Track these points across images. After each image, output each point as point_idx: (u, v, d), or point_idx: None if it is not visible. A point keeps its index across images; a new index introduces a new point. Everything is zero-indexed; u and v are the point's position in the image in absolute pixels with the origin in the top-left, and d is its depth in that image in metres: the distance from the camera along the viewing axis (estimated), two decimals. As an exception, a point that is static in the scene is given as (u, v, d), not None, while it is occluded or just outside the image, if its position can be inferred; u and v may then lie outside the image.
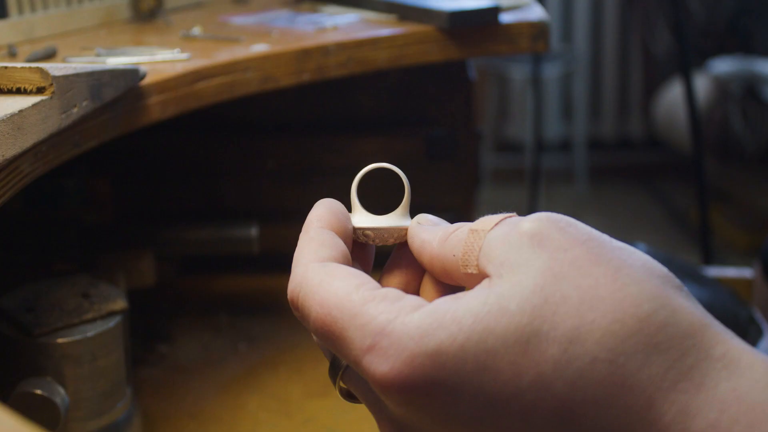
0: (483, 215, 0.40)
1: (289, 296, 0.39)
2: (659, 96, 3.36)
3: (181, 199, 1.01)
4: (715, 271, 1.18)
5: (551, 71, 3.40)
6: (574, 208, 3.31)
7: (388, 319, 0.35)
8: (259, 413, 0.83)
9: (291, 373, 0.89)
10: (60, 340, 0.64)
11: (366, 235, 0.43)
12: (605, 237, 0.36)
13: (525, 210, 2.28)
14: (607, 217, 3.25)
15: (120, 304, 0.68)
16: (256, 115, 1.01)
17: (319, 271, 0.38)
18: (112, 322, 0.67)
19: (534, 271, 0.35)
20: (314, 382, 0.87)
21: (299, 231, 0.44)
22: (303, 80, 0.77)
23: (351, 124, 1.03)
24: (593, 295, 0.34)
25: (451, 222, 0.42)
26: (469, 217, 1.01)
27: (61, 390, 0.64)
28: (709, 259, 1.68)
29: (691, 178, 1.79)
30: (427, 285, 0.42)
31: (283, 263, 1.11)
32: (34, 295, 0.69)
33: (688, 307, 0.35)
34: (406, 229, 0.43)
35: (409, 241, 0.42)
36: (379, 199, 0.54)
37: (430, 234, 0.41)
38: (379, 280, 0.43)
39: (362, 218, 0.43)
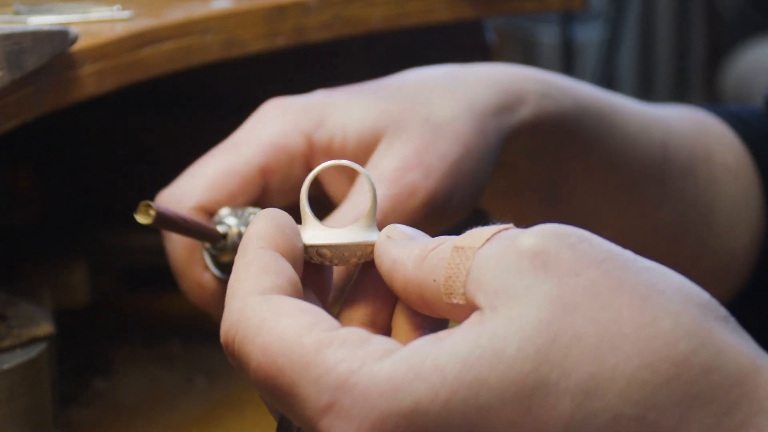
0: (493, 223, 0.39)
1: (222, 339, 0.39)
2: (728, 66, 3.36)
3: (123, 195, 1.01)
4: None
5: (590, 34, 3.41)
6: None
7: (350, 370, 0.35)
8: (221, 465, 0.83)
9: (259, 415, 0.89)
10: (-31, 374, 0.64)
11: (321, 255, 0.42)
12: (629, 254, 0.36)
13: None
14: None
15: (45, 328, 0.68)
16: (219, 90, 1.02)
17: (261, 306, 0.37)
18: (35, 351, 0.67)
19: (538, 301, 0.34)
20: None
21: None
22: (277, 45, 0.77)
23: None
24: (615, 331, 0.33)
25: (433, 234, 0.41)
26: (485, 220, 1.01)
27: (-29, 436, 0.64)
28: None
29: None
30: (400, 318, 0.41)
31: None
32: (-63, 316, 0.69)
33: (737, 345, 0.34)
34: (372, 245, 0.42)
35: (377, 260, 0.41)
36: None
37: (403, 251, 0.40)
38: (339, 314, 0.42)
39: (316, 233, 0.42)
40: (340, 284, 0.53)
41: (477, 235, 0.38)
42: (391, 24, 0.81)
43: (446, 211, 0.56)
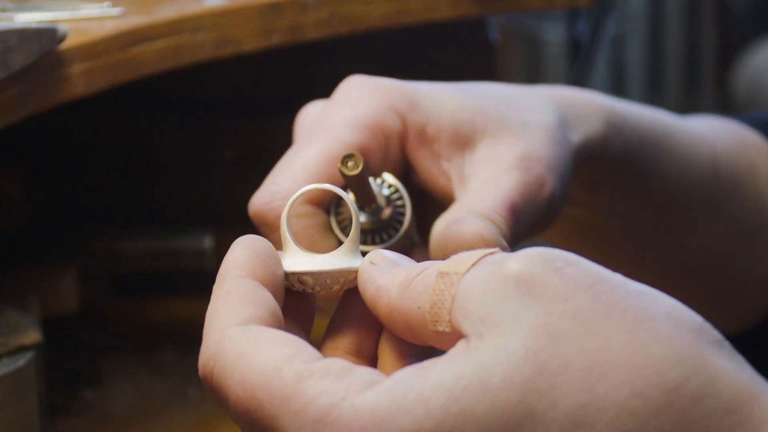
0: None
1: (200, 373, 0.39)
2: (740, 64, 3.36)
3: (113, 199, 1.01)
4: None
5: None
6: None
7: (331, 403, 0.35)
8: (215, 478, 0.83)
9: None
10: (-47, 383, 0.65)
11: (303, 282, 0.42)
12: (618, 278, 0.36)
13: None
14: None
15: (32, 336, 0.68)
16: (211, 90, 1.02)
17: (239, 338, 0.37)
18: (23, 360, 0.67)
19: (524, 329, 0.34)
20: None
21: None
22: (272, 43, 0.77)
23: (335, 100, 1.03)
24: (604, 360, 0.33)
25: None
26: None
27: (-45, 448, 0.64)
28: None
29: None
30: (386, 347, 0.41)
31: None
32: None
33: (732, 371, 0.34)
34: (355, 272, 0.42)
35: (361, 287, 0.41)
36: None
37: (387, 278, 0.40)
38: (321, 344, 0.42)
39: (297, 259, 0.42)
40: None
41: (462, 260, 0.38)
42: (391, 22, 0.81)
43: (555, 212, 0.55)
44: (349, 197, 0.43)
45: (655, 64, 3.72)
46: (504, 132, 0.54)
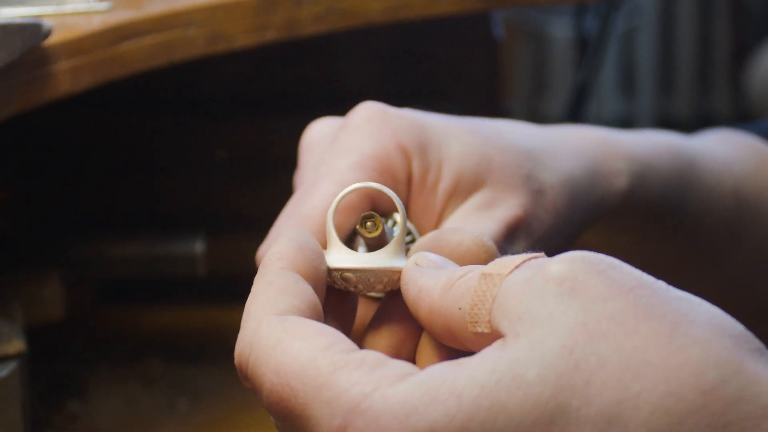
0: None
1: (236, 361, 0.40)
2: (755, 62, 3.36)
3: (100, 202, 1.01)
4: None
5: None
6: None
7: (363, 393, 0.36)
8: (206, 495, 0.83)
9: (248, 441, 0.89)
10: (-67, 395, 0.64)
11: (345, 279, 0.43)
12: (661, 284, 0.37)
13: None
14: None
15: (16, 345, 0.68)
16: (203, 89, 1.02)
17: (277, 327, 0.39)
18: (5, 371, 0.67)
19: (561, 328, 0.35)
20: (281, 453, 0.87)
21: (260, 246, 0.45)
22: (266, 40, 0.77)
23: (332, 100, 1.03)
24: (641, 359, 0.34)
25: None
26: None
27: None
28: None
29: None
30: (425, 350, 0.42)
31: (239, 290, 1.10)
32: None
33: None
34: (399, 272, 0.43)
35: (403, 288, 0.42)
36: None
37: (430, 280, 0.41)
38: (361, 342, 0.44)
39: (341, 256, 0.43)
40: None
41: (505, 262, 0.39)
42: (391, 17, 0.81)
43: None
44: (395, 196, 0.44)
45: (666, 61, 3.72)
46: (501, 188, 0.54)
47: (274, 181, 1.02)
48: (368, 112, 0.54)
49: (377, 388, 0.35)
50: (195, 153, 1.01)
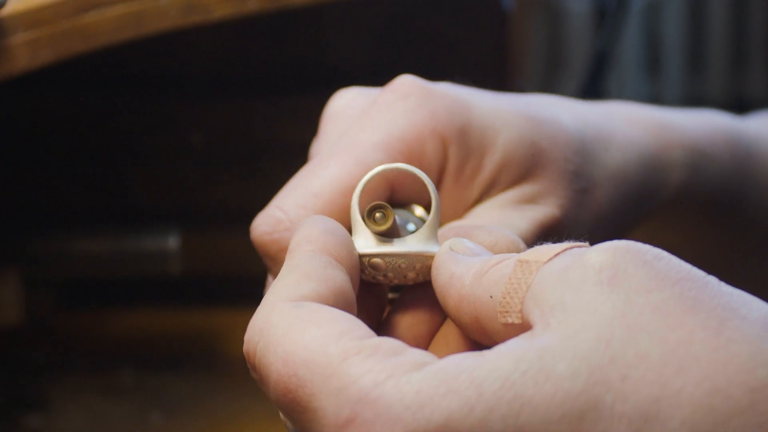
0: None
1: (244, 348, 0.40)
2: (792, 38, 3.37)
3: (61, 193, 1.01)
4: None
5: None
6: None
7: (375, 382, 0.36)
8: None
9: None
10: None
11: (374, 266, 0.44)
12: (711, 278, 0.37)
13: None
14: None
15: (-32, 351, 0.68)
16: (176, 66, 1.02)
17: (289, 314, 0.39)
18: (-43, 379, 0.67)
19: (598, 318, 0.36)
20: (265, 471, 0.88)
21: (243, 241, 0.45)
22: (247, 10, 0.77)
23: (320, 78, 1.03)
24: (684, 353, 0.35)
25: None
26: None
27: None
28: None
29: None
30: (447, 340, 0.43)
31: (217, 291, 1.09)
32: None
33: None
34: (432, 257, 0.43)
35: (434, 273, 0.43)
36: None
37: (463, 266, 0.42)
38: (379, 330, 0.44)
39: (368, 242, 0.44)
40: None
41: (544, 249, 0.39)
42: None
43: None
44: (426, 178, 0.44)
45: (695, 36, 3.71)
46: (543, 183, 0.54)
47: (256, 170, 1.02)
48: (405, 88, 0.53)
49: (391, 377, 0.36)
50: (168, 138, 1.01)
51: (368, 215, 0.45)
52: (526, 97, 0.58)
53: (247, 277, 0.85)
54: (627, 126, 0.60)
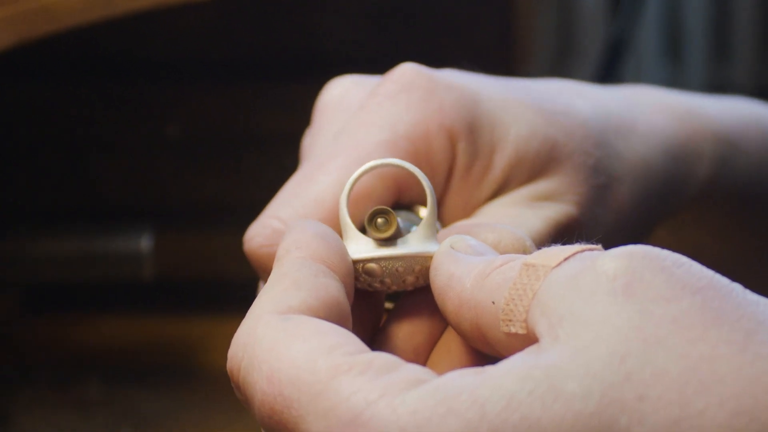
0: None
1: (228, 365, 0.40)
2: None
3: (24, 190, 1.01)
4: None
5: (648, -18, 3.42)
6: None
7: (367, 401, 0.36)
8: None
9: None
10: None
11: (369, 273, 0.44)
12: (736, 286, 0.37)
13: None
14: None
15: None
16: (152, 49, 1.02)
17: (276, 327, 0.39)
18: None
19: (612, 332, 0.35)
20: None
21: (222, 241, 0.45)
22: (228, -11, 0.77)
23: (311, 64, 1.03)
24: (707, 371, 0.34)
25: None
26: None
27: None
28: None
29: None
30: (446, 352, 0.43)
31: (194, 297, 1.10)
32: None
33: None
34: (431, 258, 0.43)
35: (432, 274, 0.43)
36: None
37: (464, 267, 0.41)
38: (374, 340, 0.44)
39: (360, 247, 0.44)
40: None
41: (553, 253, 0.39)
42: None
43: None
44: (419, 172, 0.44)
45: (720, 23, 3.71)
46: (559, 180, 0.54)
47: (237, 165, 1.02)
48: (408, 78, 0.52)
49: (384, 396, 0.36)
50: (141, 129, 1.01)
51: (369, 221, 0.45)
52: (539, 83, 0.58)
53: (228, 282, 0.85)
54: (651, 113, 0.60)
